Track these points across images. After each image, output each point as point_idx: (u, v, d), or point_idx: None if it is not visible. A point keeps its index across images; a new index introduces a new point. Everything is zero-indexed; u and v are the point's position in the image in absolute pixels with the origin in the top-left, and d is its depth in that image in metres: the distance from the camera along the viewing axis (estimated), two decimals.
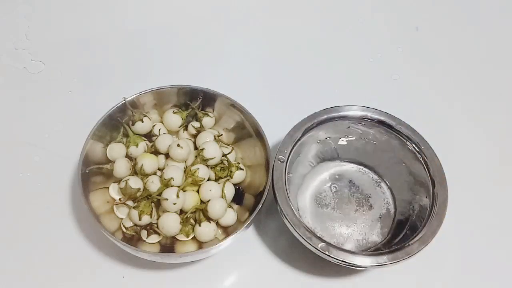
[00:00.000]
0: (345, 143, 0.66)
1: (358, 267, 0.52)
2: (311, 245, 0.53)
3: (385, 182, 0.65)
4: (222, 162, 0.62)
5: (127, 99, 0.61)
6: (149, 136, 0.63)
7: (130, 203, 0.57)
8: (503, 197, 0.68)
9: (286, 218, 0.54)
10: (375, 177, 0.66)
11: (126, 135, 0.62)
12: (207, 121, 0.64)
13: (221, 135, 0.65)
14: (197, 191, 0.59)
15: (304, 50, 0.83)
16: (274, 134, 0.62)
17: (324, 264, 0.57)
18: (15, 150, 0.69)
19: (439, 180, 0.58)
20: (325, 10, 0.89)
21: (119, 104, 0.60)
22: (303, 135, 0.60)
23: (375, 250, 0.59)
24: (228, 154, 0.62)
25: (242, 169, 0.62)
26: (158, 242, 0.57)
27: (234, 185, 0.62)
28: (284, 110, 0.72)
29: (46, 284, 0.58)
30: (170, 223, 0.55)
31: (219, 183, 0.60)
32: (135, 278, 0.59)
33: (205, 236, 0.56)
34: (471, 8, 0.91)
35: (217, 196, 0.58)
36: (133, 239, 0.56)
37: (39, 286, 0.58)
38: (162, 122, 0.64)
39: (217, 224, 0.58)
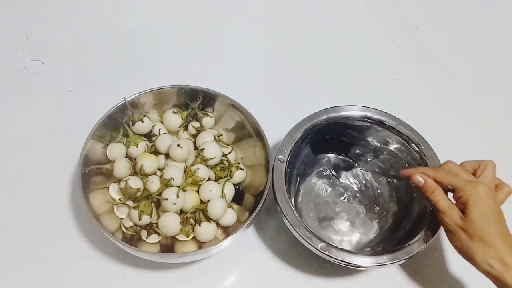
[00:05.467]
0: (344, 143, 0.66)
1: (358, 267, 0.52)
2: (311, 245, 0.53)
3: (385, 181, 0.65)
4: (222, 162, 0.62)
5: (127, 99, 0.61)
6: (149, 136, 0.63)
7: (130, 203, 0.57)
8: None
9: (286, 218, 0.54)
10: (376, 176, 0.66)
11: (126, 135, 0.62)
12: (207, 121, 0.64)
13: (221, 135, 0.65)
14: (197, 191, 0.59)
15: (304, 50, 0.83)
16: (274, 134, 0.62)
17: (324, 264, 0.57)
18: (15, 150, 0.69)
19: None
20: (325, 11, 0.89)
21: (119, 104, 0.60)
22: (303, 135, 0.60)
23: (374, 250, 0.59)
24: (228, 154, 0.62)
25: (242, 169, 0.62)
26: (158, 242, 0.57)
27: (234, 185, 0.62)
28: (284, 110, 0.72)
29: (46, 284, 0.58)
30: (170, 223, 0.55)
31: (219, 183, 0.60)
32: (135, 278, 0.59)
33: (205, 236, 0.56)
34: (471, 8, 0.91)
35: (217, 196, 0.58)
36: (133, 239, 0.56)
37: (40, 286, 0.58)
38: (162, 122, 0.64)
39: (217, 224, 0.58)
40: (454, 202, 0.52)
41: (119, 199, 0.58)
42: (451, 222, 0.50)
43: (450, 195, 0.53)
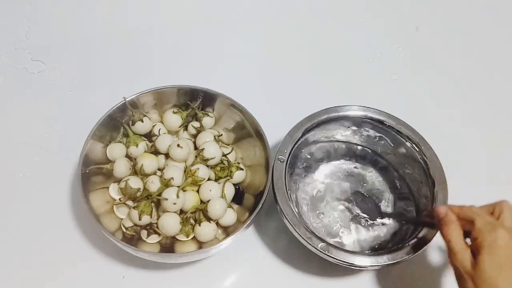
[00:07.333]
0: (344, 142, 0.66)
1: (358, 267, 0.52)
2: (311, 245, 0.53)
3: (385, 182, 0.65)
4: (222, 162, 0.62)
5: (127, 99, 0.61)
6: (149, 136, 0.63)
7: (130, 203, 0.57)
8: (503, 197, 0.68)
9: (286, 218, 0.54)
10: (376, 177, 0.66)
11: (126, 135, 0.62)
12: (207, 121, 0.64)
13: (221, 135, 0.65)
14: (197, 191, 0.59)
15: (304, 50, 0.83)
16: (274, 134, 0.62)
17: (324, 264, 0.57)
18: (15, 150, 0.69)
19: (439, 180, 0.58)
20: (325, 11, 0.89)
21: (119, 104, 0.60)
22: (303, 135, 0.60)
23: (375, 250, 0.59)
24: (228, 154, 0.62)
25: (242, 169, 0.62)
26: (158, 242, 0.57)
27: (234, 185, 0.62)
28: (284, 110, 0.72)
29: (46, 284, 0.58)
30: (170, 223, 0.55)
31: (219, 183, 0.60)
32: (135, 278, 0.59)
33: (205, 236, 0.56)
34: (470, 8, 0.91)
35: (217, 196, 0.58)
36: (133, 239, 0.56)
37: (40, 286, 0.58)
38: (162, 122, 0.64)
39: (217, 224, 0.58)
40: (470, 243, 0.46)
41: (119, 199, 0.58)
42: (460, 265, 0.45)
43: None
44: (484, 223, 0.45)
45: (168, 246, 0.57)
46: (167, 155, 0.61)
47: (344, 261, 0.52)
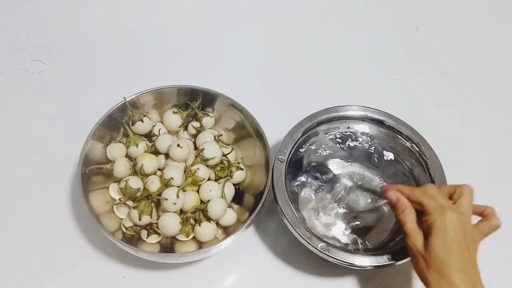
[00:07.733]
0: (344, 143, 0.66)
1: (358, 267, 0.52)
2: (311, 245, 0.53)
3: (385, 182, 0.65)
4: (222, 162, 0.62)
5: (127, 99, 0.61)
6: (149, 136, 0.63)
7: (130, 203, 0.57)
8: (503, 197, 0.68)
9: (286, 218, 0.54)
10: (375, 177, 0.66)
11: (126, 135, 0.62)
12: (207, 121, 0.64)
13: (221, 135, 0.65)
14: (197, 191, 0.59)
15: (304, 50, 0.83)
16: (274, 134, 0.62)
17: (324, 264, 0.57)
18: (15, 150, 0.69)
19: (439, 180, 0.58)
20: (325, 11, 0.89)
21: (119, 104, 0.60)
22: (303, 135, 0.60)
23: (375, 250, 0.59)
24: (228, 154, 0.62)
25: (242, 169, 0.62)
26: (158, 242, 0.57)
27: (234, 185, 0.62)
28: (284, 110, 0.72)
29: (46, 284, 0.58)
30: (170, 223, 0.56)
31: (219, 183, 0.60)
32: (135, 278, 0.59)
33: (205, 236, 0.56)
34: (471, 8, 0.91)
35: (217, 196, 0.58)
36: (133, 239, 0.56)
37: (40, 286, 0.58)
38: (162, 122, 0.64)
39: (217, 224, 0.58)
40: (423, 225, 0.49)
41: (119, 199, 0.58)
42: (413, 246, 0.47)
43: None
44: (434, 205, 0.47)
45: (168, 246, 0.57)
46: (167, 155, 0.61)
47: (344, 261, 0.52)
